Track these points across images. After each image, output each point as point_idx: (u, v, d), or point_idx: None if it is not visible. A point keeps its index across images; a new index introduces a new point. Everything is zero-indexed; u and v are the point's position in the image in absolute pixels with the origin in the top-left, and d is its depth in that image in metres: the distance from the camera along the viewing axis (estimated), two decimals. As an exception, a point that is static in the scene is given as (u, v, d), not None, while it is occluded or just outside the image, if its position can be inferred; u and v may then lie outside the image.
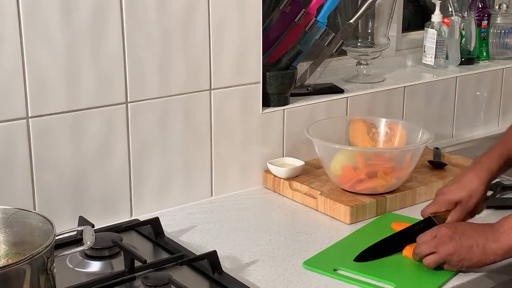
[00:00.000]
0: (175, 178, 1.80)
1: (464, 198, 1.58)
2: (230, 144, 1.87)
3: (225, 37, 1.79)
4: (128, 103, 1.69)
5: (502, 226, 1.43)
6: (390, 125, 1.94)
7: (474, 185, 1.58)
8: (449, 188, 1.61)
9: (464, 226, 1.49)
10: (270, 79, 1.92)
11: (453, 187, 1.61)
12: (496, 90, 2.44)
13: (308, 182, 1.87)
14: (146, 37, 1.67)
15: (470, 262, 1.44)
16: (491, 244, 1.42)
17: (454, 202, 1.59)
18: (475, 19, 2.46)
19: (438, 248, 1.45)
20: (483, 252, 1.43)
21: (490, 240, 1.42)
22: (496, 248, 1.42)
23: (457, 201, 1.58)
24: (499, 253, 1.42)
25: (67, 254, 1.37)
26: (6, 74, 1.52)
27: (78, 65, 1.60)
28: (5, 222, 1.30)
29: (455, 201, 1.58)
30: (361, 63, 2.27)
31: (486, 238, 1.43)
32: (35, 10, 1.52)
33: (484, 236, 1.43)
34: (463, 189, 1.59)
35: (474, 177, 1.59)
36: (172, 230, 1.68)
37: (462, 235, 1.45)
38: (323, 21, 2.07)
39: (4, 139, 1.54)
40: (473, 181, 1.59)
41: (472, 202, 1.58)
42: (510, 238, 1.41)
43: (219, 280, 1.44)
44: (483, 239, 1.43)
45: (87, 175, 1.66)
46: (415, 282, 1.46)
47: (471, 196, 1.58)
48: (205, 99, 1.80)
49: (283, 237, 1.67)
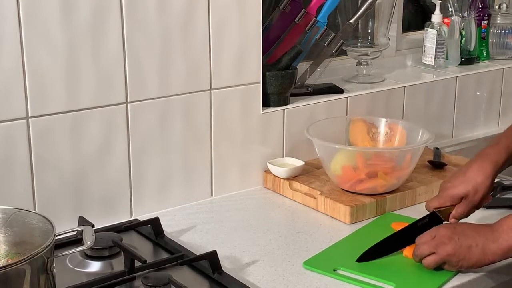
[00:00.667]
0: (175, 178, 1.80)
1: (469, 192, 1.54)
2: (230, 144, 1.87)
3: (225, 37, 1.79)
4: (128, 103, 1.69)
5: (501, 226, 1.42)
6: (390, 125, 1.94)
7: (479, 178, 1.54)
8: (454, 182, 1.57)
9: (463, 226, 1.48)
10: (270, 79, 1.92)
11: (457, 181, 1.56)
12: (496, 90, 2.44)
13: (308, 182, 1.87)
14: (146, 37, 1.67)
15: (470, 262, 1.44)
16: (490, 244, 1.42)
17: (459, 197, 1.55)
18: (475, 19, 2.46)
19: (438, 249, 1.45)
20: (482, 252, 1.42)
21: (490, 240, 1.42)
22: (496, 248, 1.41)
23: (463, 196, 1.55)
24: (499, 253, 1.42)
25: (67, 254, 1.37)
26: (6, 74, 1.52)
27: (78, 65, 1.60)
28: (5, 222, 1.30)
29: (461, 196, 1.55)
30: (361, 63, 2.27)
31: (485, 238, 1.42)
32: (35, 10, 1.52)
33: (483, 236, 1.43)
34: (468, 184, 1.55)
35: (479, 170, 1.55)
36: (172, 230, 1.68)
37: (461, 236, 1.44)
38: (323, 21, 2.07)
39: (4, 139, 1.54)
40: (478, 175, 1.54)
41: (478, 196, 1.55)
42: (509, 238, 1.41)
43: (219, 280, 1.44)
44: (482, 239, 1.42)
45: (87, 175, 1.66)
46: (415, 282, 1.46)
47: (476, 190, 1.54)
48: (205, 99, 1.80)
49: (283, 237, 1.67)
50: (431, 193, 1.83)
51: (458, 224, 1.50)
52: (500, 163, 1.56)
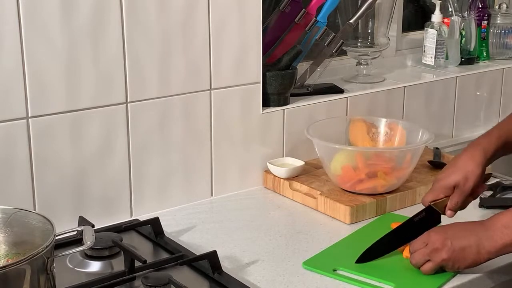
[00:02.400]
0: (175, 178, 1.80)
1: (460, 181, 1.54)
2: (230, 144, 1.87)
3: (225, 37, 1.79)
4: (128, 103, 1.69)
5: (495, 224, 1.42)
6: (390, 125, 1.94)
7: (469, 167, 1.54)
8: (445, 173, 1.57)
9: (454, 228, 1.46)
10: (270, 79, 1.92)
11: (448, 172, 1.57)
12: (496, 90, 2.44)
13: (308, 182, 1.87)
14: (146, 37, 1.67)
15: (465, 264, 1.43)
16: (485, 243, 1.41)
17: (451, 187, 1.55)
18: (475, 19, 2.46)
19: (432, 256, 1.44)
20: (477, 252, 1.41)
21: (483, 239, 1.41)
22: (490, 246, 1.41)
23: (454, 185, 1.54)
24: (493, 251, 1.41)
25: (67, 254, 1.37)
26: (6, 74, 1.52)
27: (78, 65, 1.60)
28: (5, 222, 1.30)
29: (452, 185, 1.55)
30: (361, 63, 2.27)
31: (479, 237, 1.41)
32: (35, 10, 1.52)
33: (476, 236, 1.42)
34: (458, 173, 1.54)
35: (469, 159, 1.55)
36: (172, 230, 1.68)
37: (454, 239, 1.43)
38: (323, 21, 2.07)
39: (4, 139, 1.54)
40: (467, 163, 1.54)
41: (468, 184, 1.54)
42: (503, 235, 1.40)
43: (219, 280, 1.44)
44: (475, 239, 1.41)
45: (87, 175, 1.66)
46: (415, 283, 1.45)
47: (467, 178, 1.54)
48: (205, 99, 1.80)
49: (283, 237, 1.67)
50: (431, 193, 1.83)
51: (449, 227, 1.48)
52: (490, 152, 1.56)
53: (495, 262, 1.49)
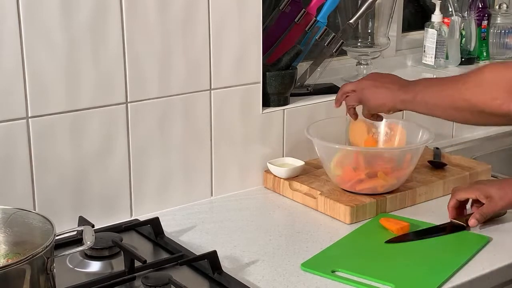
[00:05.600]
0: (175, 178, 1.80)
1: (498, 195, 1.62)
2: (230, 144, 1.87)
3: (225, 37, 1.79)
4: (128, 103, 1.69)
5: (418, 84, 1.65)
6: (390, 125, 1.94)
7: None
8: (489, 181, 1.72)
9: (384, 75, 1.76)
10: (270, 79, 1.92)
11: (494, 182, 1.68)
12: (496, 90, 2.44)
13: (308, 182, 1.87)
14: (146, 37, 1.67)
15: (376, 102, 1.70)
16: (400, 93, 1.66)
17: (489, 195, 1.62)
18: (475, 19, 2.47)
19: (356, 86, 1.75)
20: (392, 95, 1.66)
21: (401, 91, 1.66)
22: (405, 96, 1.65)
23: (491, 196, 1.62)
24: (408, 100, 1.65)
25: (67, 254, 1.37)
26: (6, 74, 1.52)
27: (78, 65, 1.60)
28: (5, 222, 1.30)
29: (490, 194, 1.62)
30: (361, 63, 2.27)
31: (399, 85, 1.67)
32: (35, 10, 1.52)
33: (397, 84, 1.68)
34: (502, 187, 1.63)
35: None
36: (172, 230, 1.68)
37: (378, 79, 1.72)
38: (323, 21, 2.07)
39: (4, 139, 1.54)
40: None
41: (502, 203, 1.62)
42: (419, 91, 1.62)
43: (219, 280, 1.44)
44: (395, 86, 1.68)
45: (87, 175, 1.66)
46: (415, 283, 1.45)
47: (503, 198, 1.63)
48: (205, 99, 1.80)
49: (283, 237, 1.67)
50: (431, 193, 1.83)
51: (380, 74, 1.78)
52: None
53: (495, 262, 1.50)
